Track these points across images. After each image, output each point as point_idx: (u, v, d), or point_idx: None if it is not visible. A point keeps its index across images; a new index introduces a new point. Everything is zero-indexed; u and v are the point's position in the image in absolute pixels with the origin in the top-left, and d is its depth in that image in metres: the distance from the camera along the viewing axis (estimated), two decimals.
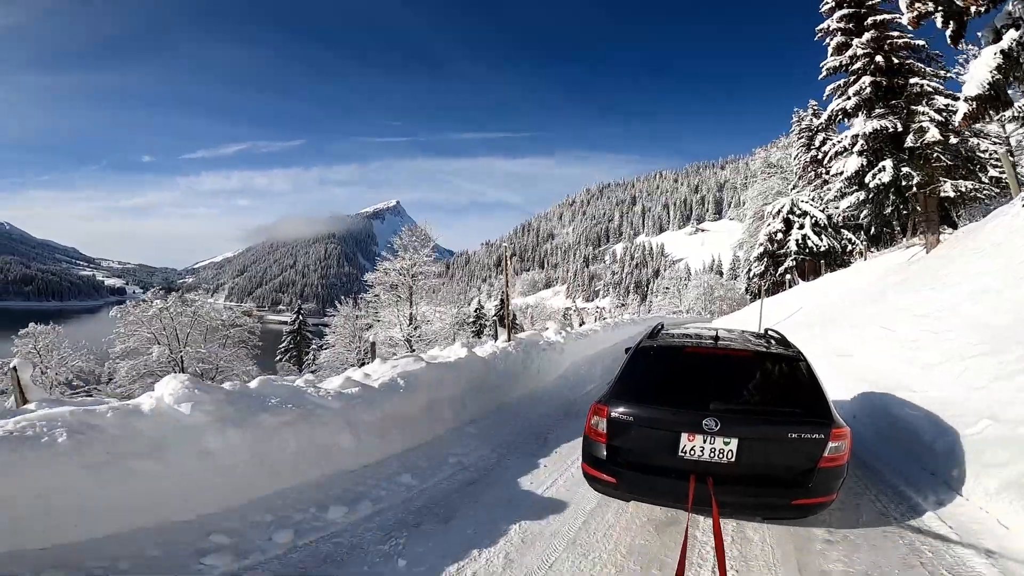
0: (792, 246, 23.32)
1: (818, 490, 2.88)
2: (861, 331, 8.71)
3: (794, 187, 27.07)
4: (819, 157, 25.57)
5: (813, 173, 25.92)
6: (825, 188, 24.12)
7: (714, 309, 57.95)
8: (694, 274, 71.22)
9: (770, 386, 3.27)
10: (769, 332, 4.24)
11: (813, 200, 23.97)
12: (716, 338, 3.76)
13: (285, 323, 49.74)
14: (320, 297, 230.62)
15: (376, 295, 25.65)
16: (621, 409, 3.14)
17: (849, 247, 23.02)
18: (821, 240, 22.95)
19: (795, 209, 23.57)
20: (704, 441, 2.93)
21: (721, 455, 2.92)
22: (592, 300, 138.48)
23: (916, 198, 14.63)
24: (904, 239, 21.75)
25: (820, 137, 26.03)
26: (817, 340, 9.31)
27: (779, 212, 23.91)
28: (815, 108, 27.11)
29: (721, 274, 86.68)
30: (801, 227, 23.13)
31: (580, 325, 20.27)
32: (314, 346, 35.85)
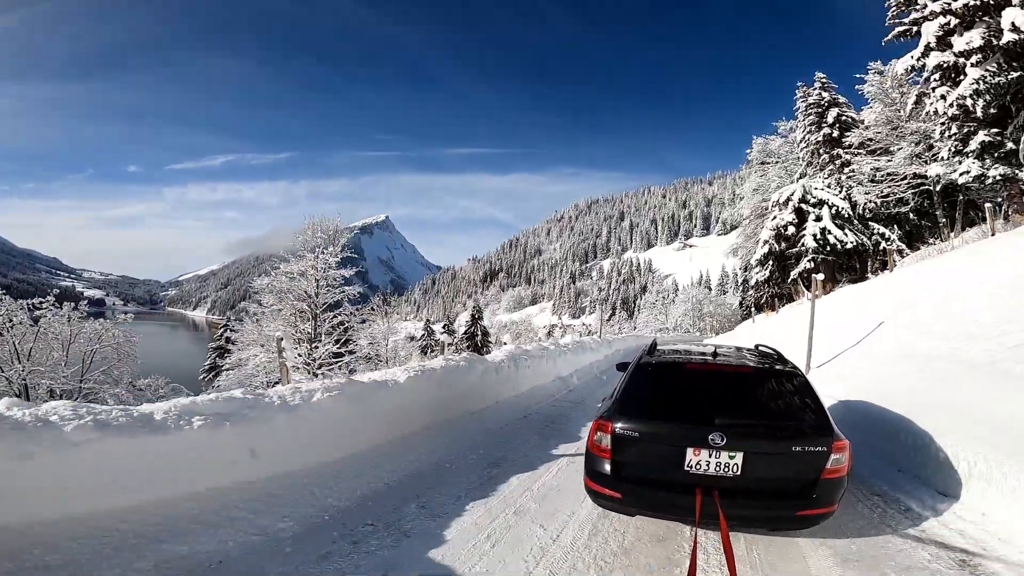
0: (808, 242, 17.71)
1: (821, 501, 2.95)
2: None
3: (801, 176, 21.74)
4: (835, 135, 20.39)
5: (827, 156, 20.63)
6: (847, 172, 18.81)
7: (703, 326, 52.91)
8: (682, 289, 65.91)
9: (773, 401, 3.32)
10: (761, 347, 4.27)
11: (830, 187, 18.52)
12: (715, 354, 3.77)
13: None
14: None
15: (264, 307, 19.61)
16: (626, 424, 3.16)
17: (883, 244, 17.52)
18: (846, 234, 17.42)
19: (808, 197, 18.15)
20: (710, 455, 2.98)
21: (727, 469, 2.96)
22: (579, 317, 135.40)
23: None
24: (952, 233, 16.41)
25: (833, 112, 20.87)
26: None
27: (788, 200, 18.47)
28: (823, 81, 22.02)
29: (710, 289, 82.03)
30: (818, 219, 17.62)
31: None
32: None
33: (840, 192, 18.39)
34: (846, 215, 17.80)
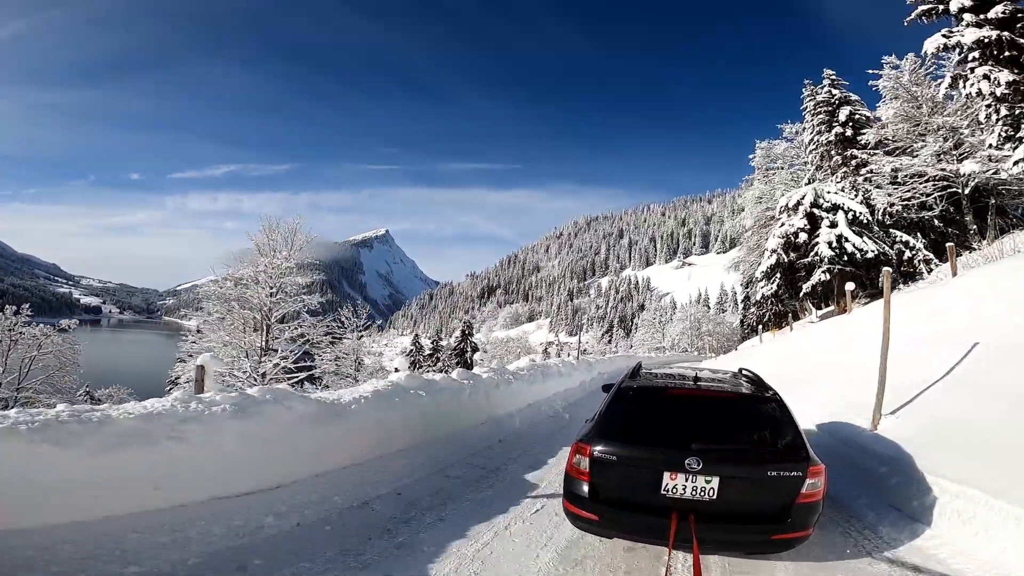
0: (823, 250, 15.37)
1: (796, 525, 2.97)
2: None
3: (810, 181, 19.72)
4: (847, 135, 18.44)
5: (840, 157, 18.59)
6: (863, 173, 16.67)
7: (701, 345, 50.57)
8: (680, 308, 63.67)
9: (749, 426, 3.34)
10: (743, 371, 4.30)
11: (845, 191, 16.41)
12: (696, 379, 3.80)
13: None
14: None
15: (210, 313, 17.77)
16: (604, 448, 3.17)
17: (907, 253, 15.31)
18: (865, 242, 15.19)
19: (820, 201, 16.02)
20: (686, 479, 3.00)
21: (703, 493, 2.99)
22: (575, 334, 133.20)
23: None
24: (985, 241, 14.32)
25: (845, 111, 18.95)
26: None
27: (798, 204, 16.31)
28: (832, 79, 20.24)
29: (708, 308, 79.83)
30: (833, 224, 15.40)
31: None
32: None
33: (856, 196, 16.27)
34: (864, 220, 15.61)
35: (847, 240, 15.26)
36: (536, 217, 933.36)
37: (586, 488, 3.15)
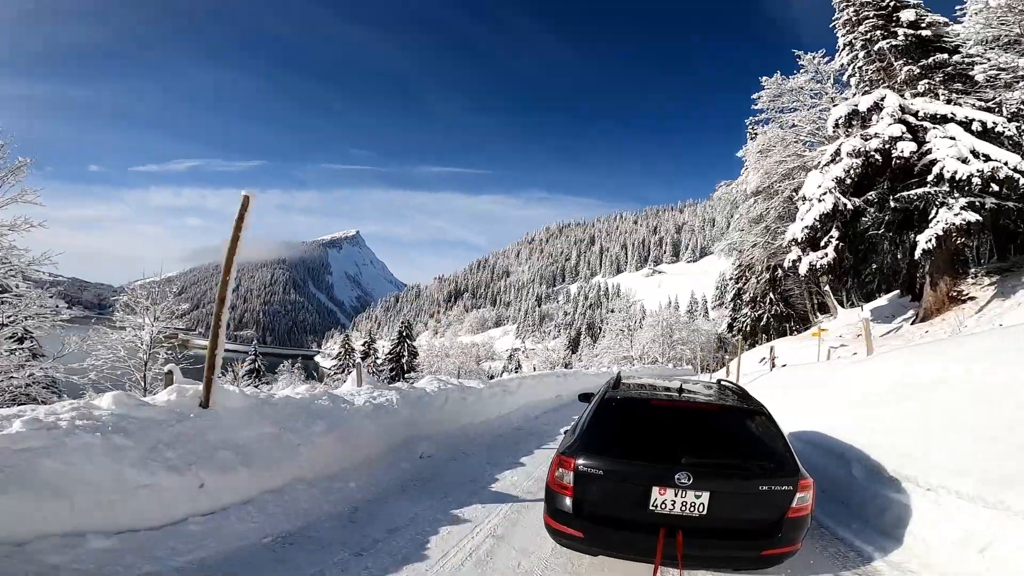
0: (956, 168, 8.36)
1: (785, 540, 2.91)
2: None
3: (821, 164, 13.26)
4: (925, 36, 11.95)
5: (916, 68, 11.70)
6: (960, 86, 10.32)
7: (674, 355, 44.55)
8: (650, 314, 57.68)
9: (738, 439, 3.25)
10: (723, 382, 4.25)
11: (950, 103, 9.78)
12: (680, 390, 3.76)
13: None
14: (260, 323, 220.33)
15: None
16: (589, 461, 3.04)
17: None
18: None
19: (907, 118, 9.26)
20: (676, 495, 2.90)
21: (692, 508, 2.89)
22: (542, 341, 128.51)
23: None
24: None
25: (908, 14, 12.69)
26: None
27: (878, 108, 9.38)
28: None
29: (679, 315, 74.44)
30: (951, 138, 8.15)
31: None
32: None
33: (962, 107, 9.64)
34: (1000, 131, 8.81)
35: (989, 159, 8.20)
36: (508, 224, 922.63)
37: (569, 503, 3.02)
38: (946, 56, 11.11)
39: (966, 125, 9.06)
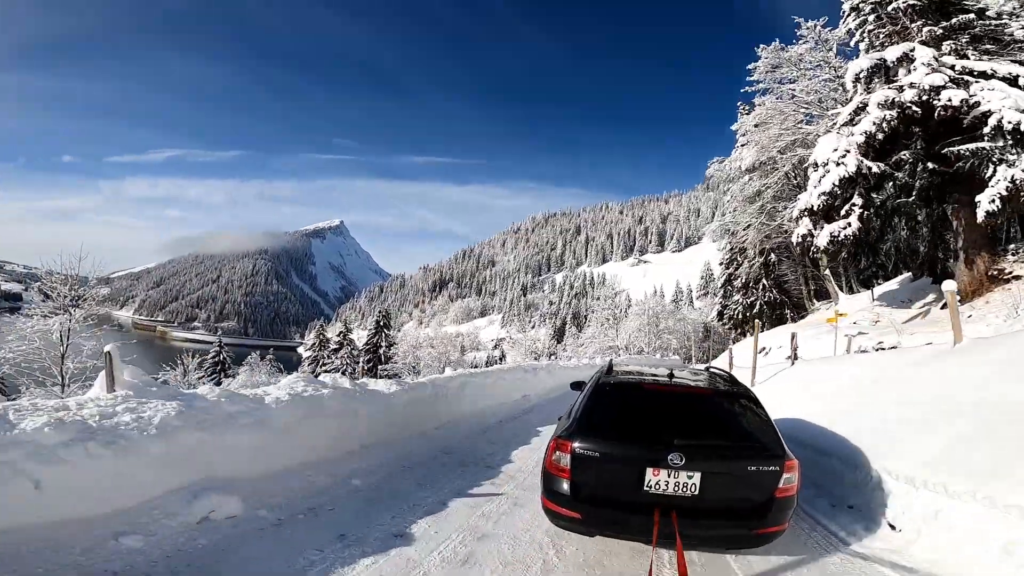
0: (1015, 117, 7.23)
1: (775, 519, 2.98)
2: None
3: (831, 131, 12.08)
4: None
5: (939, 29, 10.80)
6: (991, 46, 9.25)
7: (660, 344, 43.95)
8: (636, 303, 56.98)
9: (728, 421, 3.33)
10: (712, 369, 4.29)
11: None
12: (671, 375, 3.79)
13: (196, 341, 34.16)
14: (242, 315, 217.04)
15: None
16: (585, 444, 3.12)
17: None
18: None
19: (952, 66, 7.91)
20: (669, 475, 2.97)
21: (685, 489, 2.96)
22: (527, 331, 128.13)
23: None
24: None
25: None
26: None
27: (908, 59, 8.16)
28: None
29: (665, 304, 74.16)
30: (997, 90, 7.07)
31: None
32: None
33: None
34: None
35: None
36: (494, 214, 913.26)
37: (567, 485, 3.09)
38: (972, 17, 10.05)
39: (1011, 81, 8.07)
